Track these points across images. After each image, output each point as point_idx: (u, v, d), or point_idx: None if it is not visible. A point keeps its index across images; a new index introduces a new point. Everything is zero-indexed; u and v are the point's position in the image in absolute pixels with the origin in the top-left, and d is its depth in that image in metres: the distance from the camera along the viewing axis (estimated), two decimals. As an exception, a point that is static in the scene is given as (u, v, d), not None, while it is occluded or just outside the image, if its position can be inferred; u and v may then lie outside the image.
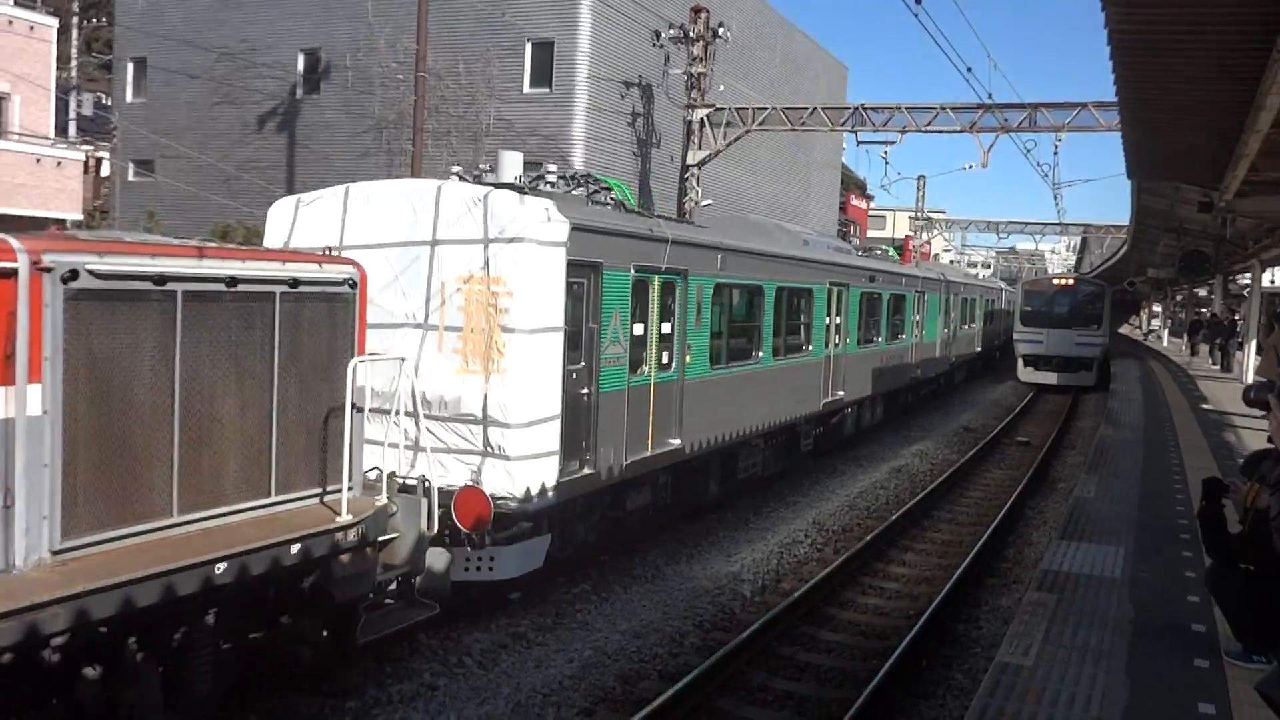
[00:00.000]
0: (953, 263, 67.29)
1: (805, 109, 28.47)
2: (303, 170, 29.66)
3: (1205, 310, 49.74)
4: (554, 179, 11.57)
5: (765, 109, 27.85)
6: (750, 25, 34.45)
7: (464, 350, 9.71)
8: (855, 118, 27.61)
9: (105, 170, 38.61)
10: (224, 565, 6.25)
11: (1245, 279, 37.74)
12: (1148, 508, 11.81)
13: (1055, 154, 37.04)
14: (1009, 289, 49.33)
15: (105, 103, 40.64)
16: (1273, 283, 36.29)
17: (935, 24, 50.03)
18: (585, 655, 9.24)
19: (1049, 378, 35.87)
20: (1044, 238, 68.02)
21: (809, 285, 17.32)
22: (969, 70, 29.48)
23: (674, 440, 12.43)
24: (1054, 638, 7.24)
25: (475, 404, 9.65)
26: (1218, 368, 33.84)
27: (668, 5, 27.90)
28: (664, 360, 12.23)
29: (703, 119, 27.21)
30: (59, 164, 30.19)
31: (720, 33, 26.53)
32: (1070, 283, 39.62)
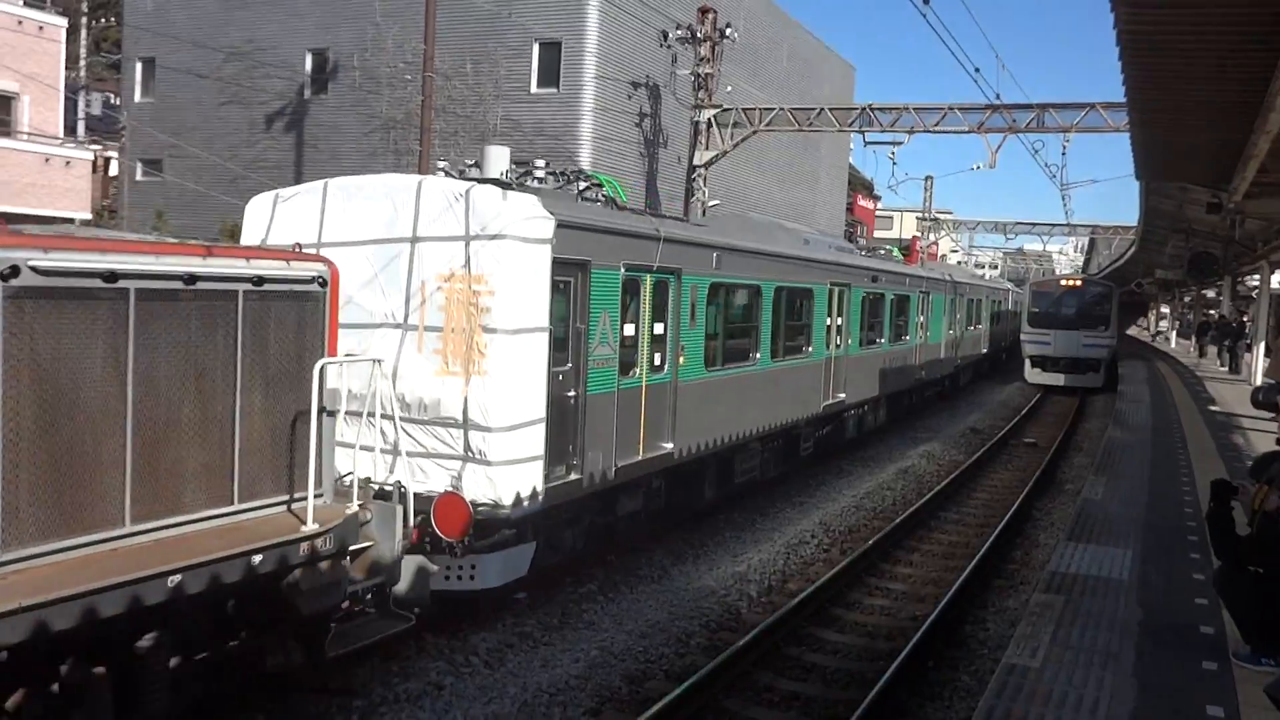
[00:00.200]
0: (960, 263, 67.14)
1: (813, 109, 28.46)
2: (310, 170, 29.69)
3: (1213, 311, 49.58)
4: (542, 175, 11.25)
5: (772, 109, 27.85)
6: (758, 26, 34.43)
7: (444, 351, 9.40)
8: (863, 118, 27.61)
9: (114, 170, 38.78)
10: (177, 577, 5.92)
11: (1254, 280, 37.59)
12: (1156, 510, 11.79)
13: (1063, 154, 37.02)
14: (1016, 290, 49.25)
15: (114, 102, 40.78)
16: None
17: (943, 24, 50.04)
18: (592, 655, 9.24)
19: (1056, 379, 35.77)
20: (1051, 238, 68.20)
21: (809, 285, 17.06)
22: (977, 70, 29.53)
23: (667, 444, 12.14)
24: (1061, 640, 7.23)
25: (456, 407, 9.33)
26: (1226, 369, 33.77)
27: (675, 6, 27.91)
28: (656, 362, 11.94)
29: (710, 119, 27.23)
30: (68, 163, 30.33)
31: (728, 33, 26.55)
32: (1078, 284, 39.56)
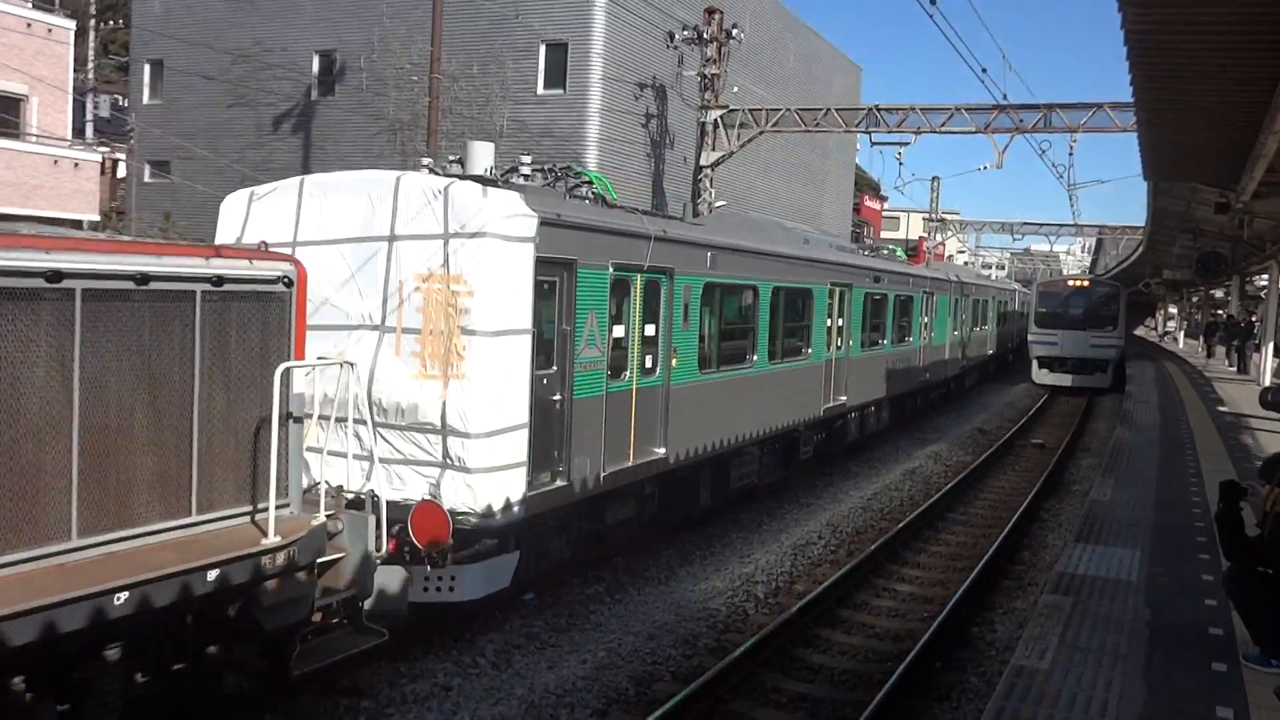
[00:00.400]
0: (967, 264, 67.11)
1: (819, 110, 28.41)
2: (317, 171, 29.72)
3: (1222, 312, 49.49)
4: (529, 172, 10.93)
5: (779, 110, 27.82)
6: (764, 26, 34.42)
7: (423, 354, 9.05)
8: (869, 119, 27.55)
9: (122, 172, 38.90)
10: (124, 594, 5.57)
11: (1262, 280, 37.50)
12: (1164, 511, 11.75)
13: (1070, 155, 36.86)
14: (1023, 290, 49.15)
15: (122, 104, 40.94)
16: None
17: (950, 24, 49.91)
18: (599, 656, 9.24)
19: (1064, 380, 35.70)
20: (1059, 239, 67.87)
21: (808, 285, 16.71)
22: (984, 71, 29.55)
23: (659, 449, 11.77)
24: (1070, 641, 7.21)
25: (434, 412, 8.97)
26: (1234, 370, 33.67)
27: (681, 7, 27.90)
28: (648, 364, 11.57)
29: (716, 120, 27.20)
30: (76, 165, 30.45)
31: (734, 34, 26.52)
32: (1085, 284, 39.49)
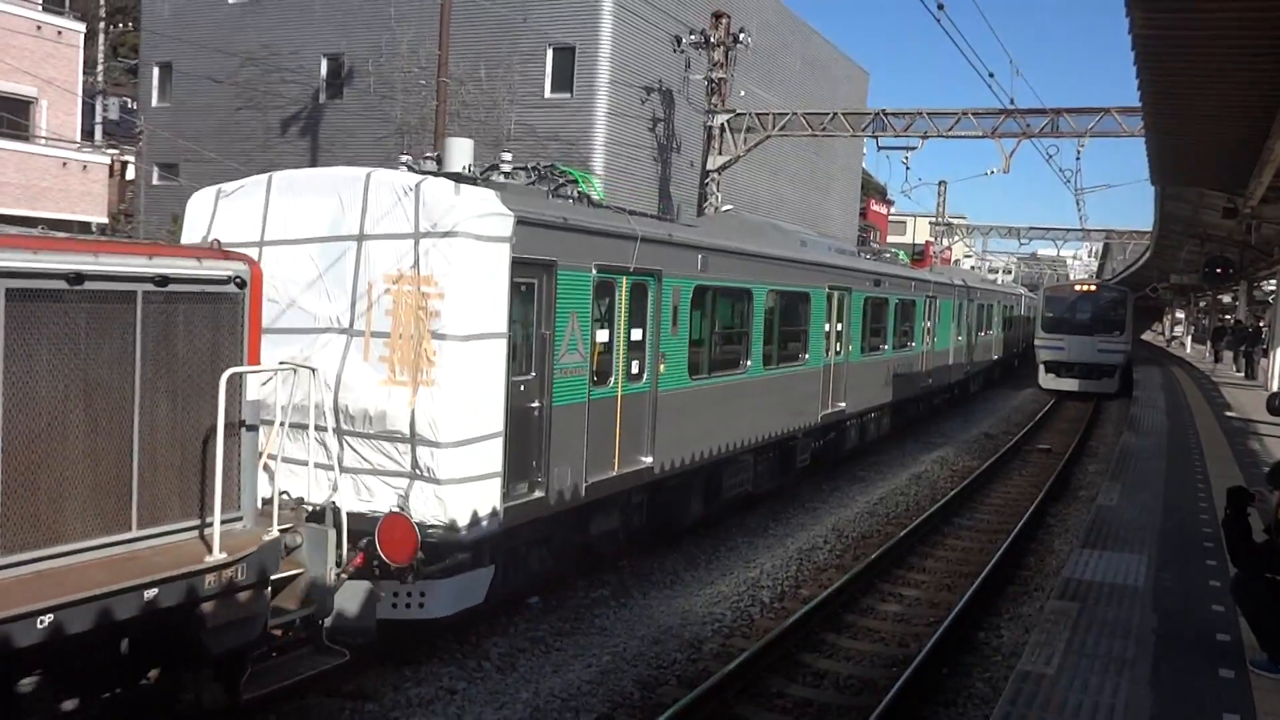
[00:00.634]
0: (973, 268, 66.97)
1: (826, 114, 28.43)
2: (325, 174, 29.81)
3: (1229, 317, 49.33)
4: (509, 169, 10.56)
5: (786, 114, 27.85)
6: (771, 30, 34.45)
7: (391, 359, 8.61)
8: (876, 123, 27.58)
9: (130, 174, 39.05)
10: (48, 617, 5.18)
11: (1270, 285, 37.42)
12: (1171, 516, 11.71)
13: (1077, 159, 36.74)
14: (1030, 295, 49.04)
15: (131, 107, 41.09)
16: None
17: (957, 29, 49.69)
18: (604, 660, 9.23)
19: (1071, 384, 35.62)
20: (1066, 243, 67.79)
21: (805, 289, 16.26)
22: (991, 75, 29.59)
23: (646, 458, 11.34)
24: (1076, 647, 7.18)
25: (403, 420, 8.53)
26: (1242, 375, 33.57)
27: (689, 11, 27.94)
28: (634, 370, 11.15)
29: (723, 124, 27.23)
30: (85, 168, 30.55)
31: (741, 38, 26.54)
32: (1092, 289, 39.40)
